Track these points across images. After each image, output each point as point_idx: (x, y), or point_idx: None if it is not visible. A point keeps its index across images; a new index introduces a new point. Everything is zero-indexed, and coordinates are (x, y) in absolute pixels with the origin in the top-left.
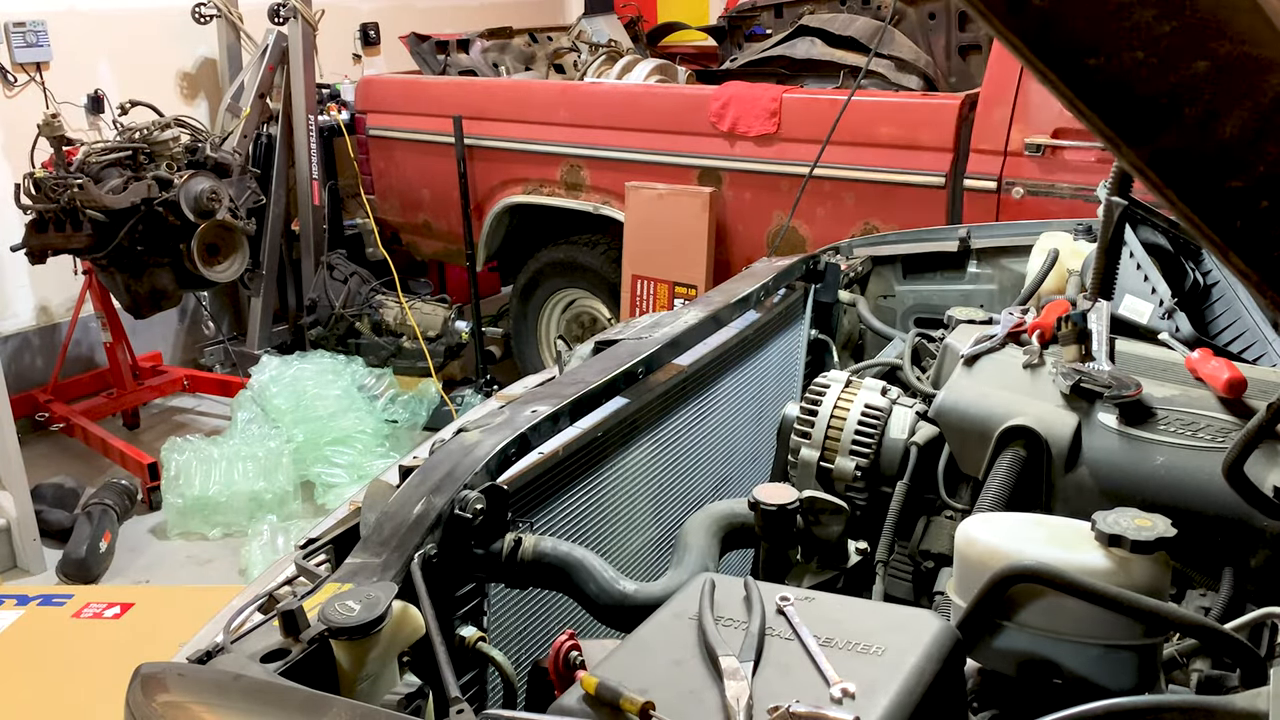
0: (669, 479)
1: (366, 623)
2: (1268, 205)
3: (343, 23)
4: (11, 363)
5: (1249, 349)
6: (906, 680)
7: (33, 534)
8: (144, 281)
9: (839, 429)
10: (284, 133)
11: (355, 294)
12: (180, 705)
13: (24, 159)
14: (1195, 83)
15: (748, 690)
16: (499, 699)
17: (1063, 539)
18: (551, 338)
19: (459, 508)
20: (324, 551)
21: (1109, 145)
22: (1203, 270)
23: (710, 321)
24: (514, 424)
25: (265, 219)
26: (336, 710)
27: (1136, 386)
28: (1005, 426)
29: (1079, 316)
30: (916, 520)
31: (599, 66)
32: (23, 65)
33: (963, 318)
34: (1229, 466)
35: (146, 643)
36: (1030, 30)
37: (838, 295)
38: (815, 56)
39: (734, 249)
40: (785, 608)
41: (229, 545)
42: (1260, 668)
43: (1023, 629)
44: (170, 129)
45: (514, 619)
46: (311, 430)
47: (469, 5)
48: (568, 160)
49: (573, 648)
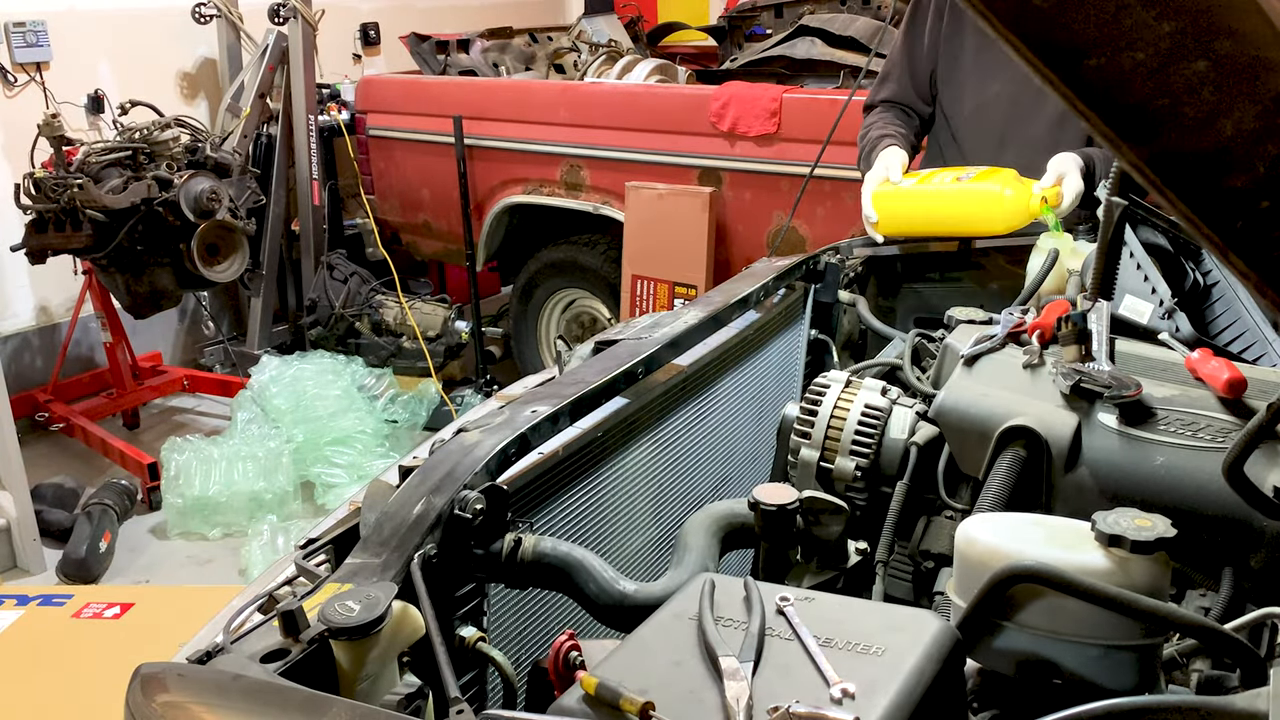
0: (669, 479)
1: (366, 623)
2: (1268, 205)
3: (343, 23)
4: (11, 363)
5: (1249, 349)
6: (906, 680)
7: (33, 534)
8: (144, 281)
9: (839, 429)
10: (284, 133)
11: (355, 294)
12: (180, 705)
13: (24, 159)
14: (1195, 83)
15: (748, 690)
16: (499, 699)
17: (1063, 539)
18: (551, 338)
19: (459, 508)
20: (324, 551)
21: (1109, 145)
22: (1203, 270)
23: (710, 321)
24: (514, 424)
25: (265, 219)
26: (336, 710)
27: (1136, 386)
28: (1005, 426)
29: (1079, 316)
30: (916, 520)
31: (599, 66)
32: (23, 65)
33: (963, 318)
34: (1229, 466)
35: (146, 643)
36: (1030, 30)
37: (838, 295)
38: (815, 56)
39: (734, 249)
40: (785, 608)
41: (229, 545)
42: (1260, 668)
43: (1023, 629)
44: (170, 129)
45: (514, 619)
46: (311, 430)
47: (469, 5)
48: (568, 160)
49: (573, 648)
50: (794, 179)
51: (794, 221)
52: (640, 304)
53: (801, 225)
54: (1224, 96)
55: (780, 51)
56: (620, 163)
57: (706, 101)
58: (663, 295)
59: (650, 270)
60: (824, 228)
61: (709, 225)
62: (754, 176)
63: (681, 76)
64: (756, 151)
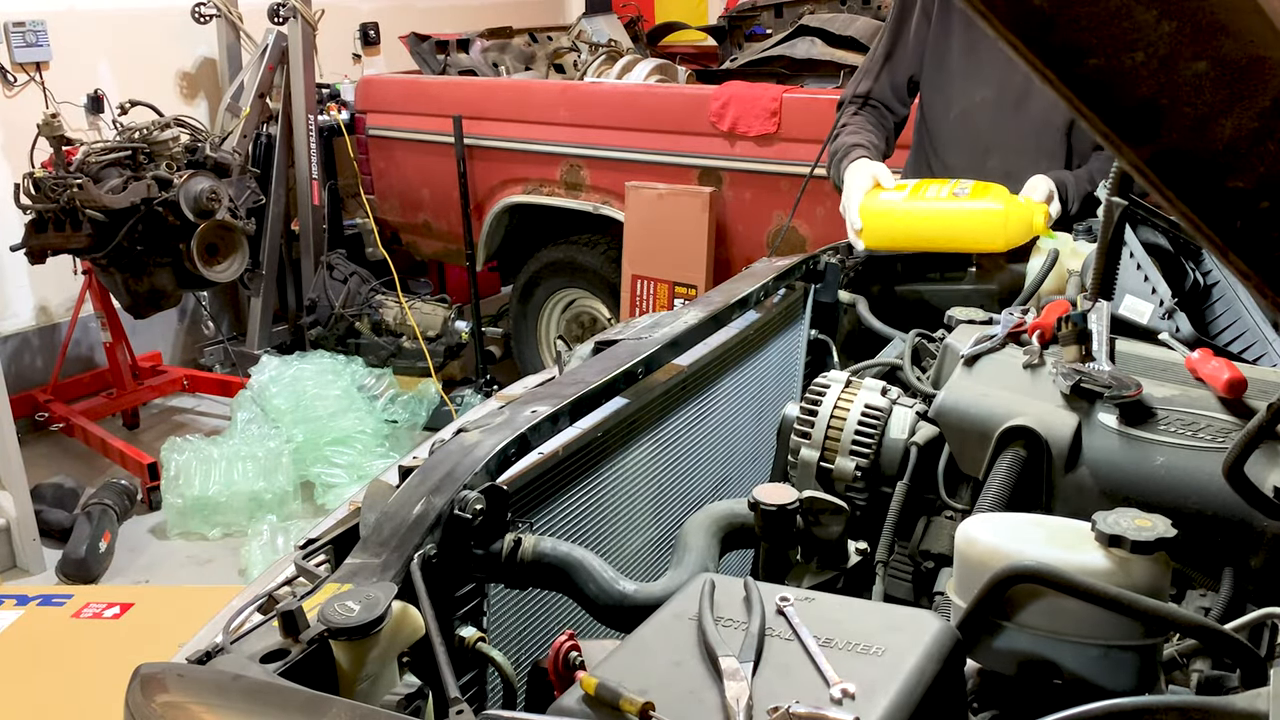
0: (669, 479)
1: (366, 623)
2: (1268, 205)
3: (343, 23)
4: (11, 363)
5: (1249, 349)
6: (906, 680)
7: (32, 534)
8: (144, 281)
9: (839, 429)
10: (284, 133)
11: (355, 294)
12: (180, 705)
13: (24, 159)
14: (1195, 83)
15: (747, 691)
16: (499, 699)
17: (1063, 539)
18: (551, 338)
19: (459, 508)
20: (324, 551)
21: (1109, 145)
22: (1203, 270)
23: (710, 321)
24: (514, 424)
25: (265, 219)
26: (336, 710)
27: (1136, 386)
28: (1005, 427)
29: (1079, 316)
30: (916, 520)
31: (599, 66)
32: (22, 65)
33: (963, 318)
34: (1229, 467)
35: (146, 642)
36: (1030, 30)
37: (838, 295)
38: (815, 56)
39: (734, 249)
40: (785, 608)
41: (229, 545)
42: (1260, 668)
43: (1023, 629)
44: (170, 129)
45: (514, 619)
46: (311, 430)
47: (469, 5)
48: (568, 160)
49: (572, 648)
50: (794, 179)
51: (794, 221)
52: (640, 304)
53: (801, 225)
54: (1224, 96)
55: (780, 51)
56: (620, 162)
57: (706, 101)
58: (663, 295)
59: (650, 270)
60: (824, 228)
61: (709, 225)
62: (754, 176)
63: (681, 76)
64: (756, 151)
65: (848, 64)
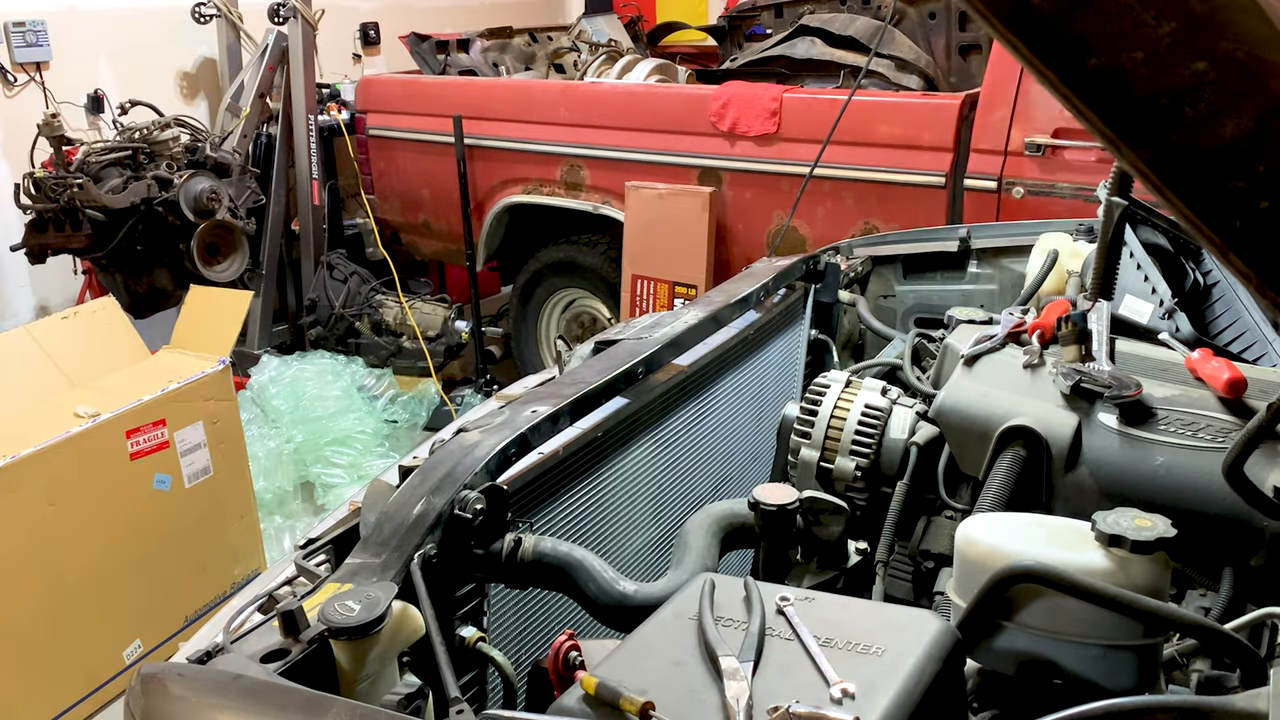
0: (669, 479)
1: (366, 623)
2: (1268, 205)
3: (343, 23)
4: None
5: (1249, 349)
6: (906, 680)
7: None
8: (144, 281)
9: (839, 429)
10: (284, 132)
11: (355, 294)
12: (180, 705)
13: (24, 159)
14: (1195, 83)
15: (748, 690)
16: (499, 699)
17: (1063, 539)
18: (551, 338)
19: (459, 508)
20: (324, 551)
21: (1109, 145)
22: (1203, 270)
23: (710, 321)
24: (514, 424)
25: (265, 219)
26: (336, 710)
27: (1136, 386)
28: (1005, 426)
29: (1079, 316)
30: (916, 520)
31: (599, 66)
32: (23, 65)
33: (963, 318)
34: (1229, 466)
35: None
36: (1030, 30)
37: (838, 295)
38: (815, 56)
39: (734, 249)
40: (785, 608)
41: None
42: (1260, 668)
43: (1023, 629)
44: (170, 129)
45: (514, 619)
46: (311, 430)
47: (469, 5)
48: (568, 160)
49: (572, 648)
50: (794, 179)
51: (794, 221)
52: (640, 304)
53: (801, 225)
54: (1224, 96)
55: (780, 51)
56: (620, 162)
57: (706, 101)
58: (663, 295)
59: (650, 270)
60: (824, 228)
61: (709, 225)
62: (754, 176)
63: (681, 76)
64: (756, 151)
65: (848, 64)
